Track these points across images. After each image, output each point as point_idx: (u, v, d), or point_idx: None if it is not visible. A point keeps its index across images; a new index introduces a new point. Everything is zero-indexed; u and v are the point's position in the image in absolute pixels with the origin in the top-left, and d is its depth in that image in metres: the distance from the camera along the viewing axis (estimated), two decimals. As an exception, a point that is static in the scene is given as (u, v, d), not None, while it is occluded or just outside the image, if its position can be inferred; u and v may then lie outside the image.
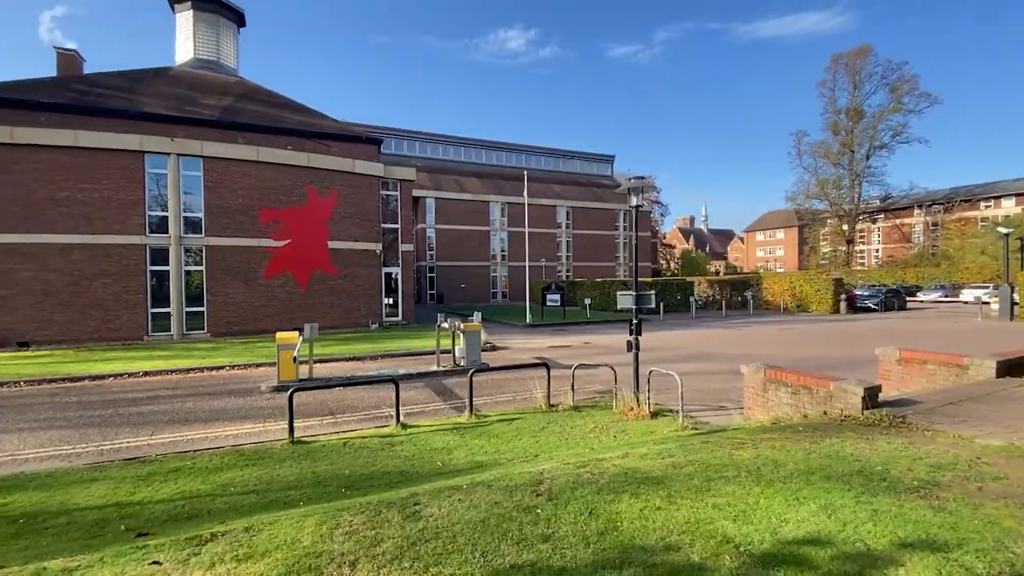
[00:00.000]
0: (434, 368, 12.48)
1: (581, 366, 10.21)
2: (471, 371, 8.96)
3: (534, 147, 55.82)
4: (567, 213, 49.72)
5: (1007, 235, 25.46)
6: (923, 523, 3.17)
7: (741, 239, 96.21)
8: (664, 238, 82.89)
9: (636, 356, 8.72)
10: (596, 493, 3.82)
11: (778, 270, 72.12)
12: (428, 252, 43.76)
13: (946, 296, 39.41)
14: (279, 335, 10.95)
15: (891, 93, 55.34)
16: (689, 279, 35.80)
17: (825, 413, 6.20)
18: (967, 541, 2.95)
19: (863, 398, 5.90)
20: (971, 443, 4.78)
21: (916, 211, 64.66)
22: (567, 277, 47.53)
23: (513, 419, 8.26)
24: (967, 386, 7.23)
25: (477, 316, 14.26)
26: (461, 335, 12.50)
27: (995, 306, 25.28)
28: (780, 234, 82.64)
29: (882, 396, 6.40)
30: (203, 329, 20.04)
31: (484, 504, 3.70)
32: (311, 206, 21.93)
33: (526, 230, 27.53)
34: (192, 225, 20.17)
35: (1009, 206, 56.91)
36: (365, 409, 9.31)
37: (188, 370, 13.02)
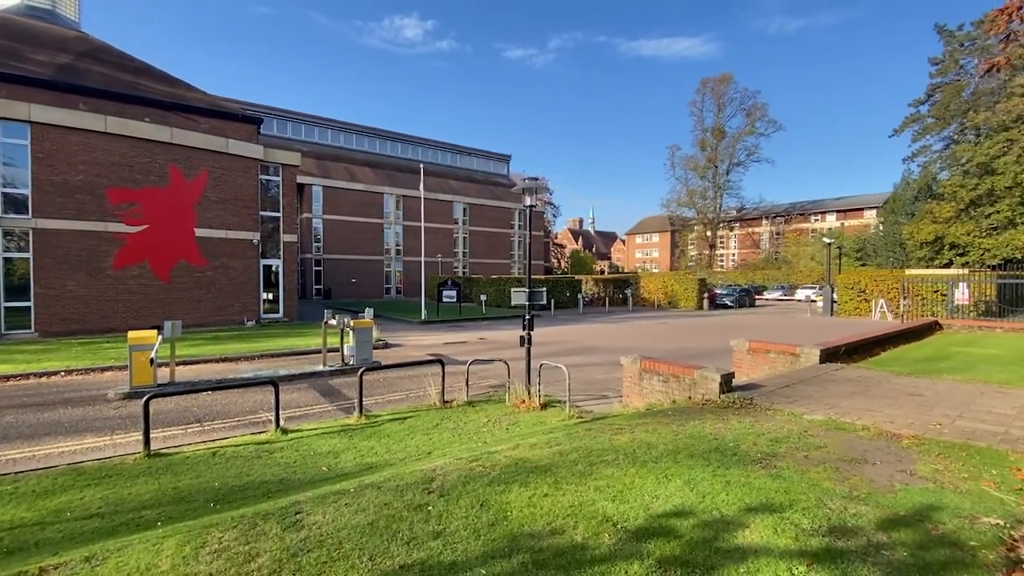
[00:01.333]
0: (320, 368, 11.76)
1: (476, 362, 10.31)
2: (361, 370, 8.60)
3: (431, 141, 55.03)
4: (464, 209, 49.77)
5: (829, 244, 30.67)
6: (764, 489, 3.70)
7: (623, 241, 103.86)
8: (556, 238, 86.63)
9: (528, 351, 9.02)
10: (488, 485, 3.89)
11: (653, 270, 79.06)
12: (315, 244, 41.08)
13: (785, 295, 46.24)
14: (131, 334, 9.54)
15: (747, 118, 63.55)
16: (578, 277, 37.84)
17: (690, 398, 6.95)
18: (796, 502, 3.51)
19: (720, 384, 6.72)
20: (800, 419, 5.68)
21: (764, 222, 74.87)
22: (464, 273, 47.64)
23: (406, 418, 8.09)
24: (799, 371, 8.57)
25: (369, 312, 13.70)
26: (351, 332, 11.93)
27: (820, 304, 30.24)
28: (656, 238, 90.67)
29: (735, 381, 7.34)
30: (30, 328, 16.79)
31: (373, 506, 3.58)
32: (174, 188, 19.39)
33: (422, 224, 27.03)
34: (15, 204, 16.78)
35: (832, 220, 68.35)
36: (239, 415, 8.49)
37: (7, 377, 10.82)
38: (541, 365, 8.69)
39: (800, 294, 42.33)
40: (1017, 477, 3.97)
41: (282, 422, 7.49)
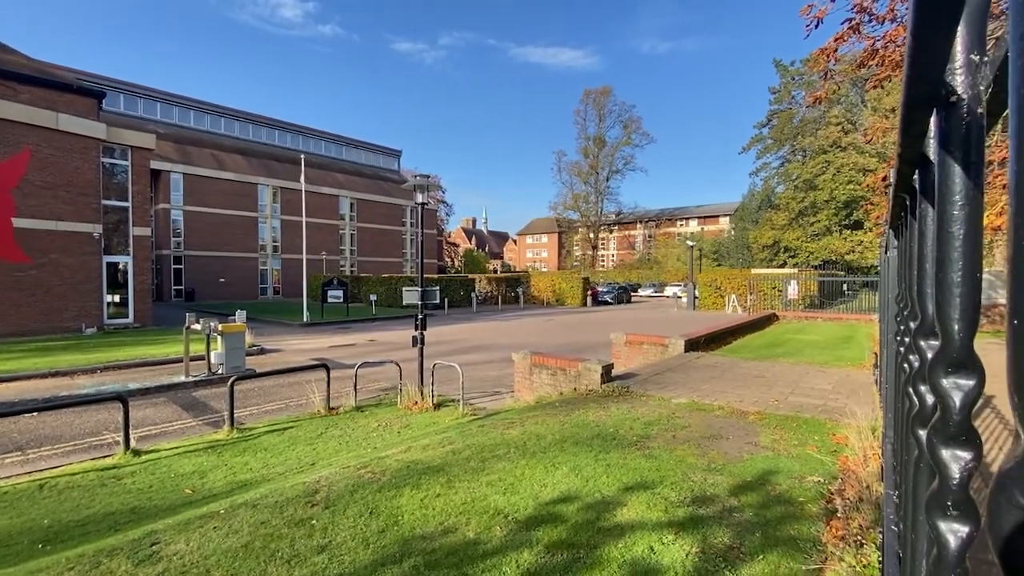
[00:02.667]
0: (182, 379, 10.44)
1: (365, 364, 9.88)
2: (232, 379, 7.80)
3: (314, 130, 51.51)
4: (351, 205, 47.36)
5: (692, 247, 34.48)
6: (639, 469, 4.05)
7: (514, 241, 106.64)
8: (449, 237, 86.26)
9: (421, 351, 8.88)
10: (377, 492, 3.76)
11: (543, 270, 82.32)
12: (174, 239, 36.29)
13: (656, 292, 50.96)
14: (-84, 348, 7.63)
15: (624, 129, 68.86)
16: (471, 276, 38.10)
17: (575, 389, 7.37)
18: (666, 478, 3.89)
19: (601, 374, 7.22)
20: (669, 403, 6.31)
21: (639, 225, 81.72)
22: (352, 272, 45.35)
23: (286, 428, 7.51)
24: (667, 360, 9.50)
25: (240, 315, 12.45)
26: (219, 338, 10.75)
27: (685, 299, 33.81)
28: (545, 238, 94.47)
29: (615, 371, 7.93)
30: None
31: (248, 527, 3.28)
32: (-20, 168, 15.88)
33: (303, 219, 25.17)
34: None
35: (694, 225, 76.75)
36: (76, 438, 7.22)
37: None
38: (434, 365, 8.60)
39: (669, 291, 46.97)
40: (833, 441, 4.81)
41: (133, 442, 6.52)
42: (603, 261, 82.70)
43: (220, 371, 10.69)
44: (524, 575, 2.64)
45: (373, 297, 27.99)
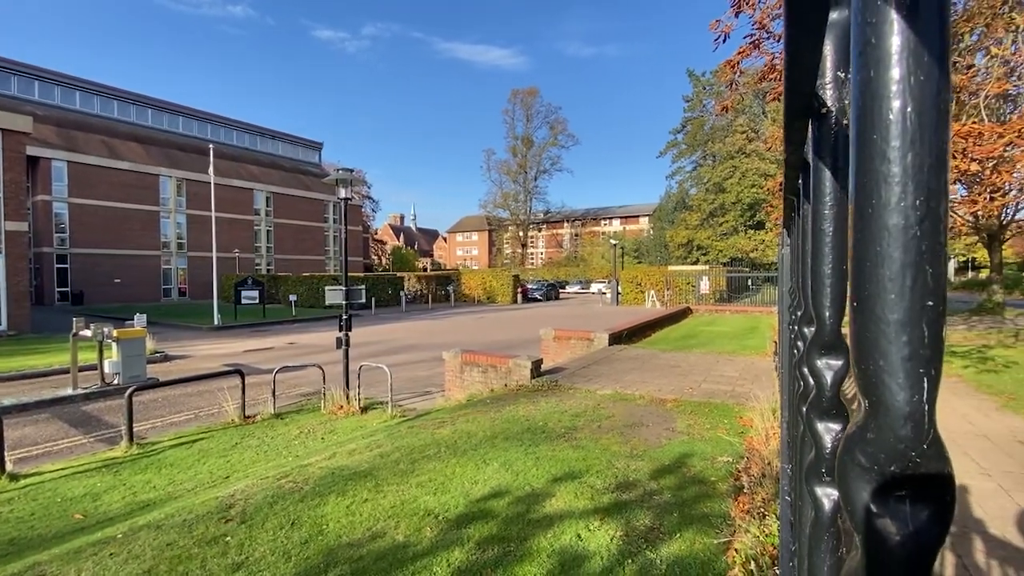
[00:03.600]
0: (69, 392, 9.29)
1: (284, 369, 9.34)
2: (130, 389, 7.06)
3: (225, 119, 47.76)
4: (267, 199, 44.48)
5: (615, 245, 36.01)
6: (567, 460, 4.18)
7: (445, 239, 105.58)
8: (376, 234, 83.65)
9: (346, 352, 8.54)
10: (300, 502, 3.58)
11: (474, 268, 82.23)
12: (58, 235, 32.16)
13: (583, 289, 52.67)
14: None
15: (550, 130, 70.35)
16: (400, 275, 37.23)
17: (506, 385, 7.44)
18: (592, 467, 4.04)
19: (531, 370, 7.35)
20: (595, 394, 6.55)
21: (566, 224, 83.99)
22: (269, 271, 42.65)
23: (196, 440, 6.93)
24: (593, 353, 9.86)
25: (140, 319, 11.29)
26: (114, 344, 9.68)
27: (608, 295, 35.25)
28: (475, 236, 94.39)
29: (544, 366, 8.11)
30: None
31: (150, 551, 2.99)
32: None
33: (213, 214, 23.24)
34: None
35: (617, 225, 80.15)
36: (-71, 466, 6.20)
37: None
38: (361, 367, 8.31)
39: (594, 288, 48.73)
40: (741, 423, 5.23)
41: (10, 466, 5.72)
42: (533, 259, 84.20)
43: (116, 381, 9.65)
44: (455, 574, 2.63)
45: (293, 298, 26.53)
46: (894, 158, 0.17)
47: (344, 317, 8.44)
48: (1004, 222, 14.89)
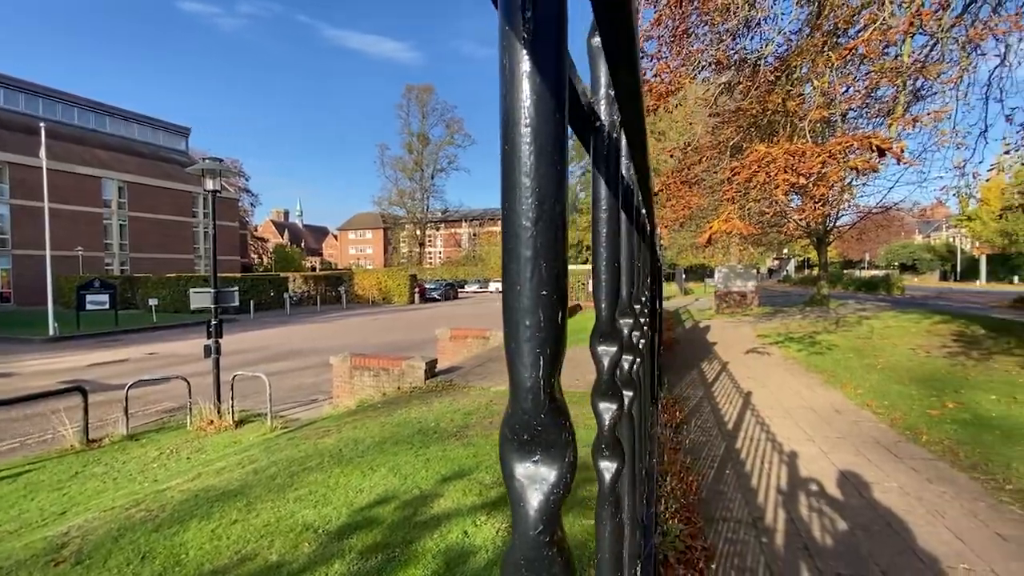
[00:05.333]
0: None
1: (140, 383, 8.21)
2: (-76, 418, 5.75)
3: (62, 93, 40.58)
4: (120, 189, 38.69)
5: (512, 244, 37.02)
6: (458, 459, 4.19)
7: (336, 236, 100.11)
8: (256, 230, 76.86)
9: (216, 361, 7.73)
10: (154, 531, 3.18)
11: (368, 267, 79.16)
12: None
13: (481, 288, 53.21)
14: None
15: (447, 129, 69.98)
16: (284, 275, 34.57)
17: (399, 388, 7.27)
18: (482, 463, 4.10)
19: (425, 371, 7.26)
20: (488, 391, 6.65)
21: (464, 223, 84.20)
22: (123, 272, 37.16)
23: (23, 472, 5.83)
24: (489, 351, 10.00)
25: (-60, 331, 9.21)
26: (-100, 364, 7.79)
27: (507, 294, 36.09)
28: (369, 234, 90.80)
29: (439, 366, 8.05)
30: None
31: (-55, 612, 2.47)
32: None
33: (46, 205, 19.63)
34: None
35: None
36: None
37: None
38: (235, 377, 7.58)
39: (493, 287, 49.47)
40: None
41: None
42: (431, 258, 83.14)
43: (-99, 410, 7.77)
44: (335, 587, 2.52)
45: (153, 302, 23.45)
46: (520, 167, 0.20)
47: (213, 322, 7.64)
48: (828, 227, 17.78)
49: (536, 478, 0.21)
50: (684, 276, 39.75)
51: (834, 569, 2.71)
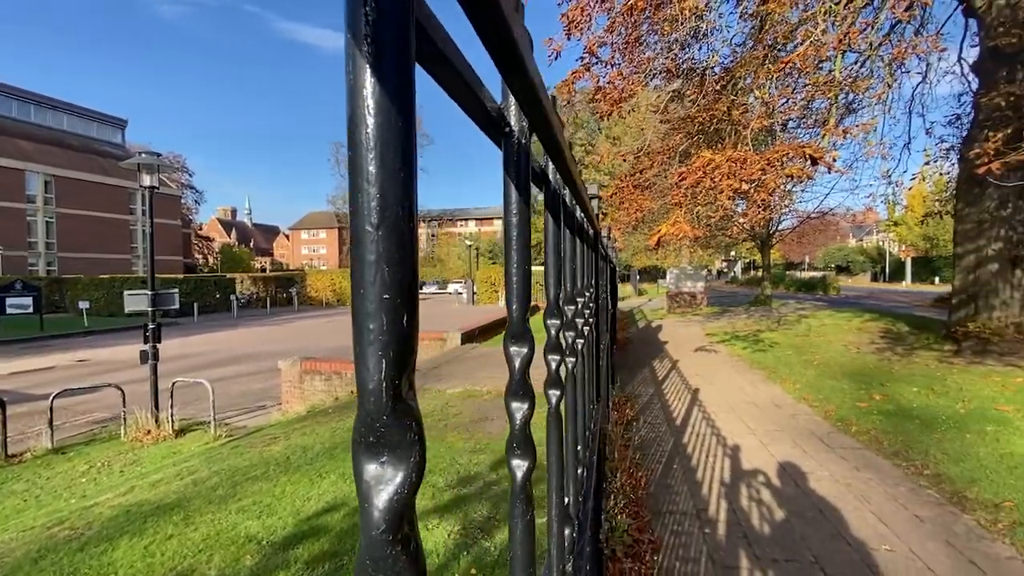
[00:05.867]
0: None
1: (68, 392, 7.64)
2: None
3: (-25, 78, 37.22)
4: (47, 183, 35.90)
5: (470, 246, 36.74)
6: (410, 462, 4.14)
7: (287, 236, 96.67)
8: (201, 229, 73.14)
9: (154, 368, 7.30)
10: (79, 551, 2.97)
11: (322, 268, 76.93)
12: None
13: (440, 289, 52.75)
14: None
15: (405, 127, 69.09)
16: (231, 276, 33.06)
17: (352, 392, 7.09)
18: (436, 466, 4.06)
19: (379, 374, 7.13)
20: (445, 393, 6.60)
21: (423, 224, 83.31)
22: (49, 273, 34.49)
23: (-77, 494, 5.30)
24: (446, 353, 9.93)
25: None
26: None
27: (465, 295, 35.84)
28: (323, 234, 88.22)
29: (394, 370, 7.92)
30: None
31: None
32: None
33: (-42, 201, 17.95)
34: None
35: (473, 226, 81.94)
36: None
37: None
38: (174, 383, 7.18)
39: (451, 288, 49.12)
40: (572, 410, 5.73)
41: None
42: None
43: None
44: (278, 600, 2.43)
45: (84, 304, 21.89)
46: (363, 173, 0.20)
47: (151, 326, 7.21)
48: (771, 231, 18.73)
49: (382, 479, 0.21)
50: (639, 277, 40.82)
51: (770, 555, 2.86)
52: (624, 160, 11.07)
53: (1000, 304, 7.84)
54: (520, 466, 0.49)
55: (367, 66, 0.19)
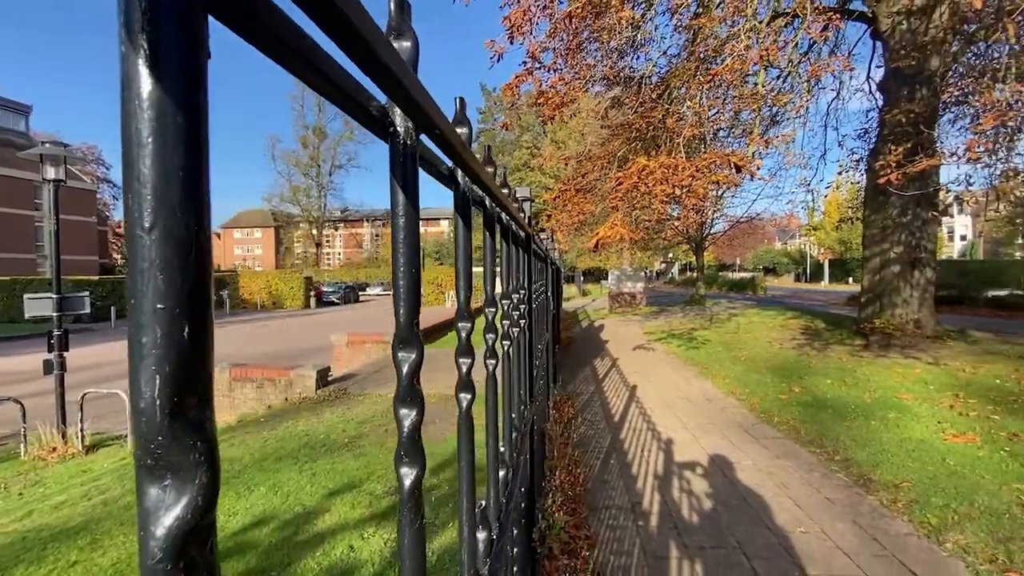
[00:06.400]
0: None
1: (-46, 408, 6.82)
2: None
3: None
4: (-70, 175, 31.84)
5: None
6: (347, 471, 4.00)
7: (219, 235, 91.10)
8: (118, 226, 67.51)
9: (60, 379, 6.65)
10: (-40, 587, 2.65)
11: (257, 269, 73.14)
12: None
13: (385, 291, 51.54)
14: None
15: (346, 123, 66.78)
16: (154, 278, 30.71)
17: (287, 400, 6.79)
18: (373, 473, 3.95)
19: (316, 379, 6.85)
20: (386, 398, 6.44)
21: (366, 223, 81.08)
22: (-67, 275, 30.55)
23: None
24: (389, 356, 9.70)
25: None
26: None
27: (411, 297, 35.32)
28: (258, 233, 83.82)
29: (333, 374, 7.64)
30: None
31: None
32: None
33: None
34: None
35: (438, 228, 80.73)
36: None
37: None
38: (83, 396, 6.57)
39: (397, 289, 48.14)
40: (515, 410, 5.76)
41: None
42: (329, 259, 79.02)
43: None
44: (197, 624, 2.27)
45: (-20, 310, 19.67)
46: (135, 171, 0.18)
47: (56, 333, 6.56)
48: (704, 234, 19.73)
49: (162, 504, 0.19)
50: (583, 278, 41.75)
51: (698, 544, 3.00)
52: (567, 164, 11.29)
53: (901, 302, 8.67)
54: (408, 474, 0.48)
55: (142, 51, 0.18)
